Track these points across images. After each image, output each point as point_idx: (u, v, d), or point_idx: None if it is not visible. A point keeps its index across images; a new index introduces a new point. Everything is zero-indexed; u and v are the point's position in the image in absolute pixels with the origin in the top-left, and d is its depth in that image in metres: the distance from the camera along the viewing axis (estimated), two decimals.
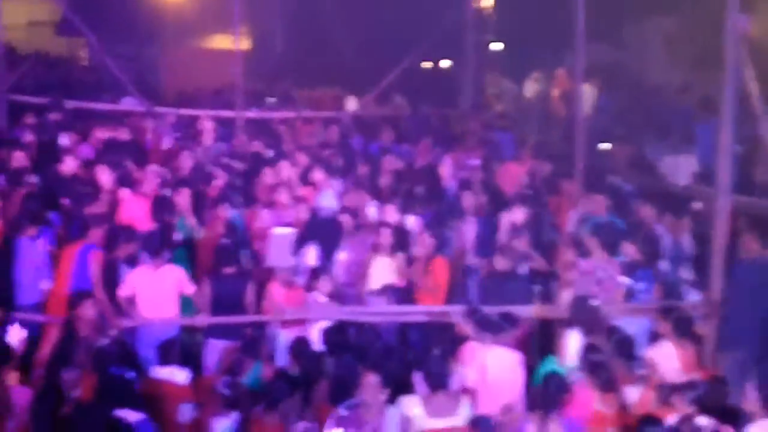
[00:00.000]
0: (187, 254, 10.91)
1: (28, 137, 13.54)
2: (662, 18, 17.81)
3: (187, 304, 9.92)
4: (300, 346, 8.67)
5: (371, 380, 7.37)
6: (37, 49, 22.93)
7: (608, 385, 7.64)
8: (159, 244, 9.76)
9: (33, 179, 11.62)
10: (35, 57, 21.34)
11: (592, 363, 7.75)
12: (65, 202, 11.31)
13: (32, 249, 9.82)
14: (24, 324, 9.19)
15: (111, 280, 9.68)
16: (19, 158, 12.20)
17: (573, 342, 8.42)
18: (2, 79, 16.01)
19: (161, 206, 11.20)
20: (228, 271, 9.73)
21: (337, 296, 10.20)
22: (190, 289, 9.75)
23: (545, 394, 7.47)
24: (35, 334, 9.37)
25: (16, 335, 7.98)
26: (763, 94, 9.67)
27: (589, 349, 8.02)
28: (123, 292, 9.54)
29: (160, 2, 22.53)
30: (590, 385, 7.67)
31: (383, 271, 10.57)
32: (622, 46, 19.19)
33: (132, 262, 10.14)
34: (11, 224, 10.08)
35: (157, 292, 9.56)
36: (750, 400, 6.92)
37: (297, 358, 8.51)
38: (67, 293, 9.22)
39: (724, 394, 7.48)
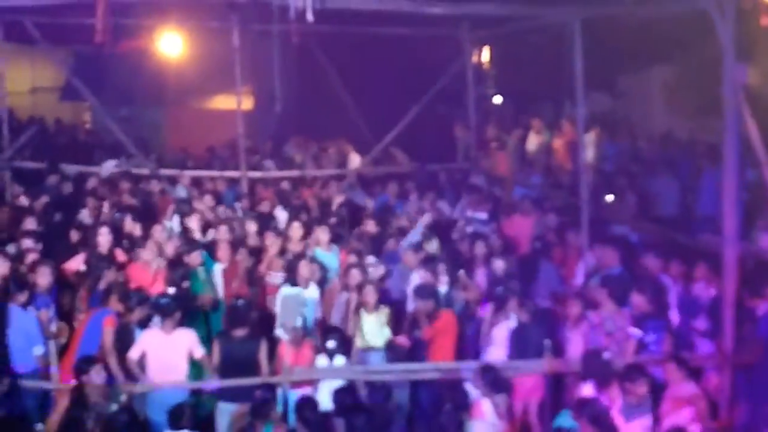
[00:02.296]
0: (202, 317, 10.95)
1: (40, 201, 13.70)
2: (661, 67, 17.94)
3: (196, 368, 9.87)
4: (305, 406, 8.62)
5: None
6: (40, 115, 23.13)
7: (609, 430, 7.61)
8: (172, 307, 9.72)
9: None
10: (38, 123, 21.53)
11: (592, 414, 7.70)
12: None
13: (23, 316, 9.71)
14: (32, 392, 9.28)
15: (124, 344, 9.63)
16: (29, 223, 12.26)
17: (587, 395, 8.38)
18: (5, 146, 16.19)
19: (175, 269, 11.25)
20: (239, 333, 9.69)
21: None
22: (199, 353, 9.70)
23: None
24: (43, 402, 9.35)
25: None
26: (765, 141, 9.71)
27: (587, 402, 7.99)
28: (133, 354, 9.50)
29: (162, 64, 22.73)
30: None
31: (373, 327, 10.57)
32: (622, 95, 19.32)
33: (144, 325, 10.12)
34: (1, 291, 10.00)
35: (168, 355, 9.51)
36: None
37: (303, 420, 8.46)
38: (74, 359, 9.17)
39: None
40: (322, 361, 9.82)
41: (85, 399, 8.30)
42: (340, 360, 9.80)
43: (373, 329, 10.53)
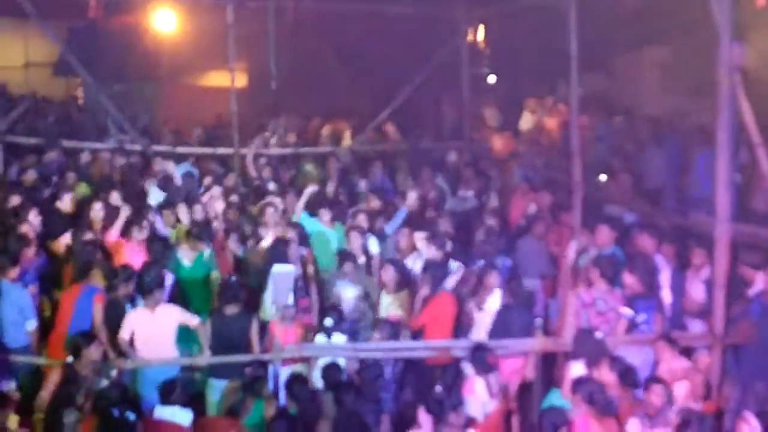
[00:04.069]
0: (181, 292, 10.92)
1: (30, 176, 13.58)
2: (657, 47, 17.88)
3: (191, 338, 9.87)
4: (296, 383, 8.64)
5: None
6: (33, 90, 23.03)
7: (605, 410, 7.62)
8: (153, 284, 9.69)
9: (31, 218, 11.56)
10: (31, 98, 21.44)
11: (588, 392, 7.72)
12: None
13: (15, 290, 9.71)
14: (23, 367, 9.27)
15: (113, 320, 9.62)
16: (14, 200, 12.20)
17: (576, 374, 8.40)
18: None
19: (155, 245, 11.22)
20: (231, 310, 9.68)
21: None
22: (193, 321, 9.70)
23: (542, 428, 7.45)
24: (34, 377, 9.34)
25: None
26: (759, 123, 9.71)
27: (583, 380, 8.00)
28: (124, 334, 9.49)
29: (156, 40, 22.62)
30: (590, 416, 7.65)
31: (388, 308, 10.56)
32: (616, 75, 19.25)
33: (132, 301, 10.11)
34: None
35: (155, 332, 9.49)
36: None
37: (293, 397, 8.48)
38: (65, 335, 9.14)
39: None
40: (320, 339, 9.83)
41: (77, 375, 8.29)
42: (339, 338, 9.80)
43: (389, 310, 10.52)
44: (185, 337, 9.81)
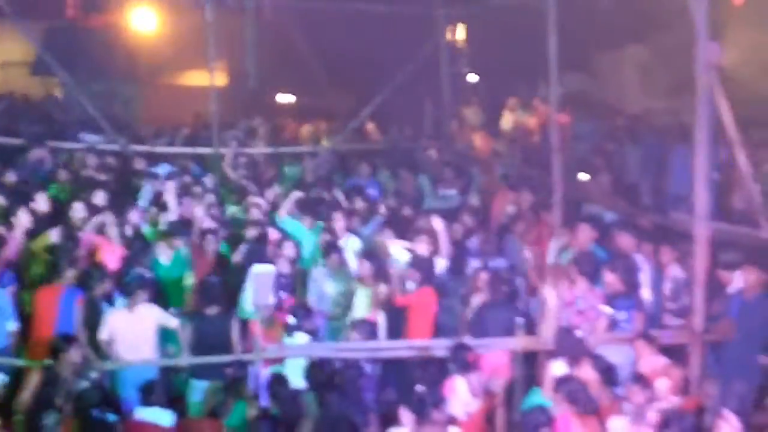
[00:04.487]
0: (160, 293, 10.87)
1: (11, 177, 13.50)
2: (635, 47, 17.98)
3: (171, 339, 9.83)
4: (277, 384, 8.63)
5: None
6: (11, 90, 22.87)
7: (587, 408, 7.64)
8: (135, 284, 9.65)
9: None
10: (8, 97, 21.29)
11: (570, 391, 7.74)
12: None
13: None
14: (2, 368, 9.20)
15: (91, 320, 9.56)
16: None
17: (557, 373, 8.41)
18: None
19: (136, 245, 11.17)
20: (211, 310, 9.65)
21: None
22: (172, 322, 9.66)
23: (524, 427, 7.45)
24: (13, 378, 9.27)
25: None
26: (737, 121, 9.77)
27: (565, 379, 8.02)
28: (103, 335, 9.44)
29: (135, 39, 22.53)
30: (571, 414, 7.66)
31: (364, 302, 10.55)
32: (597, 74, 19.35)
33: (109, 300, 10.06)
34: None
35: (135, 332, 9.44)
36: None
37: (274, 397, 8.47)
38: (49, 336, 9.09)
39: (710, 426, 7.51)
40: (287, 339, 9.82)
41: (57, 376, 8.24)
42: (301, 337, 9.76)
43: (364, 304, 10.51)
44: (165, 337, 9.77)
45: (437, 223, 11.44)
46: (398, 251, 11.30)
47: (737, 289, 9.50)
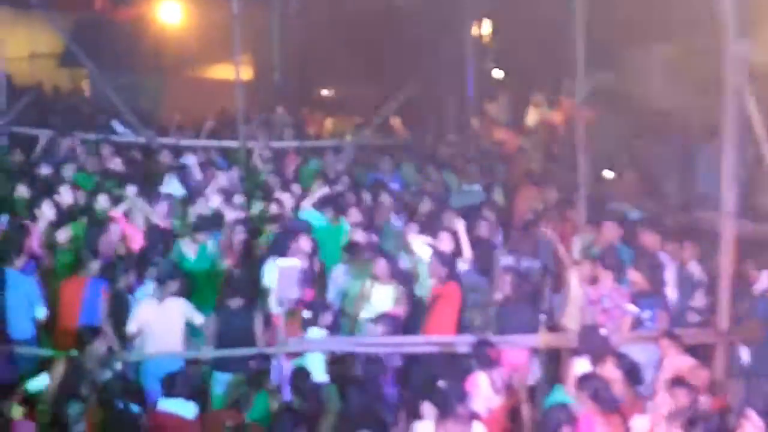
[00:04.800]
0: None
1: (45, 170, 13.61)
2: (663, 44, 17.82)
3: (197, 334, 9.87)
4: (299, 377, 8.64)
5: None
6: (39, 81, 23.02)
7: (610, 406, 7.61)
8: (165, 274, 9.70)
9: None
10: (37, 88, 21.43)
11: (593, 389, 7.71)
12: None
13: (22, 280, 9.70)
14: (27, 358, 9.28)
15: (116, 311, 9.62)
16: (21, 191, 12.21)
17: (581, 371, 8.38)
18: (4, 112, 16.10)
19: (157, 236, 11.22)
20: (235, 303, 9.67)
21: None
22: (198, 319, 9.70)
23: (546, 424, 7.43)
24: (38, 368, 9.34)
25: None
26: (765, 119, 9.68)
27: (588, 377, 7.99)
28: (132, 327, 9.51)
29: (161, 32, 22.62)
30: (594, 412, 7.63)
31: (382, 300, 10.54)
32: (623, 71, 19.20)
33: (132, 291, 10.12)
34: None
35: (163, 324, 9.51)
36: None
37: (296, 390, 8.48)
38: (74, 327, 9.14)
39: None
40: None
41: (81, 367, 8.30)
42: (315, 332, 9.75)
43: (383, 301, 10.49)
44: (191, 332, 9.82)
45: (457, 223, 11.38)
46: (421, 247, 11.28)
47: (763, 289, 9.43)
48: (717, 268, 9.72)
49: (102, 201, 12.06)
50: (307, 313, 9.83)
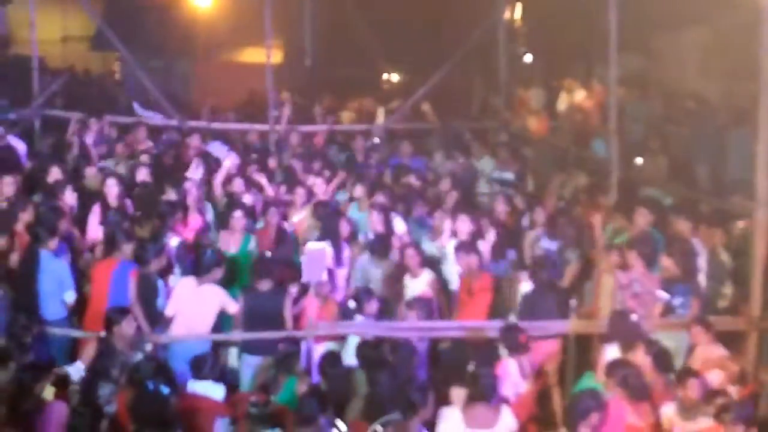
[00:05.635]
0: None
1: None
2: (697, 27, 17.65)
3: (227, 322, 9.93)
4: (329, 361, 8.66)
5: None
6: (71, 64, 23.18)
7: (639, 393, 7.57)
8: (211, 261, 9.77)
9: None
10: (69, 72, 21.57)
11: (623, 375, 7.67)
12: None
13: (54, 262, 9.78)
14: (59, 339, 9.37)
15: (145, 294, 9.68)
16: (55, 173, 12.28)
17: (611, 357, 8.35)
18: (36, 94, 16.22)
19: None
20: (264, 286, 9.70)
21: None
22: (232, 308, 9.75)
23: (575, 410, 7.40)
24: (70, 349, 9.44)
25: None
26: None
27: (618, 363, 7.95)
28: (169, 311, 9.60)
29: (192, 16, 22.66)
30: (623, 399, 7.60)
31: (416, 286, 10.52)
32: (655, 56, 19.05)
33: (164, 276, 10.17)
34: (31, 236, 10.05)
35: (197, 307, 9.57)
36: None
37: (325, 375, 8.50)
38: (103, 309, 9.23)
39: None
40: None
41: (112, 348, 8.36)
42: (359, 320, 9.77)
43: (418, 288, 10.45)
44: (222, 320, 9.88)
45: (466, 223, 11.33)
46: (446, 234, 11.28)
47: None
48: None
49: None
50: (352, 303, 9.84)
